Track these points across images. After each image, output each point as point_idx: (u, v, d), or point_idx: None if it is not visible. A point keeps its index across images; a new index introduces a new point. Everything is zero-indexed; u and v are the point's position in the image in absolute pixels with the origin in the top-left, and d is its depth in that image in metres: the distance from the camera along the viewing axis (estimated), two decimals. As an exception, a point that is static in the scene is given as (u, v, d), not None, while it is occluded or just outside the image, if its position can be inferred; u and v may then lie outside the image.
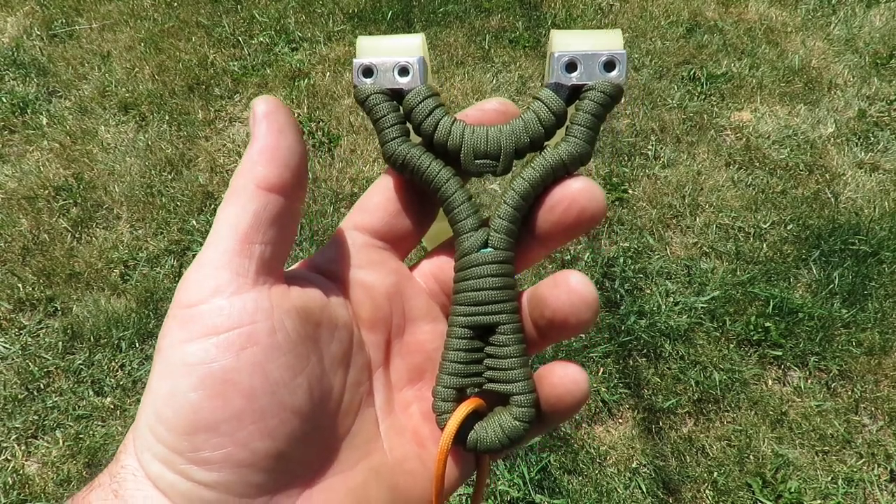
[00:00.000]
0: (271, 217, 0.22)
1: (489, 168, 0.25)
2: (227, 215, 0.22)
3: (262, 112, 0.22)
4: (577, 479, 1.22)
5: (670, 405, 1.30)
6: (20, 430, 1.31)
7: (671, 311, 1.43)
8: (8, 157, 1.82)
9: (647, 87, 1.93)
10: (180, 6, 2.27)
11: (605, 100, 0.24)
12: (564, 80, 0.24)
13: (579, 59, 0.24)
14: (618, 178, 1.70)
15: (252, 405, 0.21)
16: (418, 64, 0.25)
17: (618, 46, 0.24)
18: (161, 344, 0.22)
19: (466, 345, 0.25)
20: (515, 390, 0.25)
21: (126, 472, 0.22)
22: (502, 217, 0.25)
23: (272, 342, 0.22)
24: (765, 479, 1.21)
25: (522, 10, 2.21)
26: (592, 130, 0.24)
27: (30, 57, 2.11)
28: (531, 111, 0.25)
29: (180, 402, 0.21)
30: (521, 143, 0.25)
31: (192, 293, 0.22)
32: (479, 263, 0.25)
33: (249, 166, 0.22)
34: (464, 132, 0.25)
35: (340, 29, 2.17)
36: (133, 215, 1.67)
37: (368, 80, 0.25)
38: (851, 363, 1.34)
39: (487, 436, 0.25)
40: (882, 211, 1.60)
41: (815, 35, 2.09)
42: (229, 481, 0.21)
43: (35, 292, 1.51)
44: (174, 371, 0.21)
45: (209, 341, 0.21)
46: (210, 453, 0.21)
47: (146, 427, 0.21)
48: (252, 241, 0.22)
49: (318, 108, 1.91)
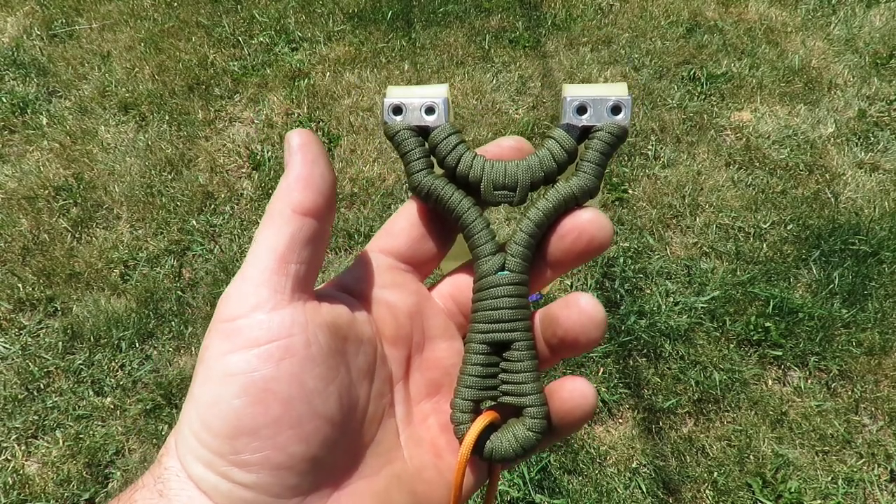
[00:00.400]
0: (305, 239, 0.24)
1: (507, 199, 0.27)
2: (265, 237, 0.24)
3: (297, 144, 0.25)
4: (577, 479, 1.22)
5: (670, 405, 1.30)
6: (20, 430, 1.31)
7: (671, 311, 1.43)
8: (8, 157, 1.82)
9: (647, 87, 1.93)
10: (180, 6, 2.27)
11: (612, 140, 0.27)
12: (576, 121, 0.27)
13: (589, 103, 0.27)
14: (618, 178, 1.70)
15: (289, 412, 0.23)
16: (443, 104, 0.27)
17: (624, 94, 0.27)
18: (203, 355, 0.23)
19: (484, 360, 0.27)
20: (528, 403, 0.27)
21: (170, 473, 0.23)
22: (518, 243, 0.27)
23: (307, 354, 0.23)
24: (765, 479, 1.21)
25: (522, 10, 2.21)
26: (601, 167, 0.27)
27: (30, 57, 2.11)
28: (545, 149, 0.27)
29: (224, 408, 0.22)
30: (536, 176, 0.27)
31: (234, 308, 0.23)
32: (496, 285, 0.27)
33: (286, 193, 0.24)
34: (484, 166, 0.27)
35: (340, 29, 2.17)
36: (133, 215, 1.67)
37: (398, 118, 0.28)
38: (851, 363, 1.34)
39: (503, 446, 0.27)
40: (882, 211, 1.60)
41: (815, 35, 2.09)
42: (267, 483, 0.23)
43: (35, 292, 1.51)
44: (218, 380, 0.23)
45: (251, 352, 0.23)
46: (250, 456, 0.22)
47: (189, 432, 0.23)
48: (289, 260, 0.24)
49: (318, 108, 1.91)
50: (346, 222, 1.62)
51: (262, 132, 1.87)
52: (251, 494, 0.22)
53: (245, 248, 1.58)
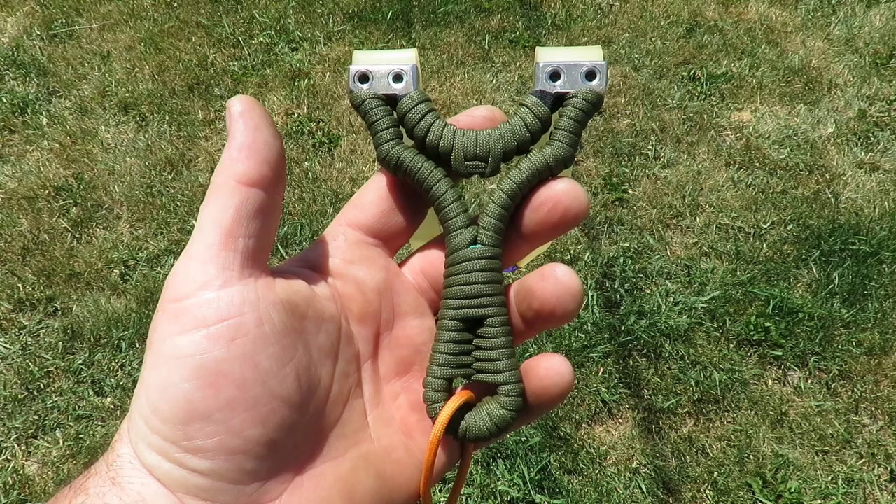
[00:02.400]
0: (253, 211, 0.23)
1: (478, 169, 0.26)
2: (209, 212, 0.23)
3: (237, 111, 0.23)
4: (577, 479, 1.22)
5: (670, 405, 1.30)
6: (20, 430, 1.31)
7: (671, 311, 1.43)
8: (8, 157, 1.82)
9: (647, 87, 1.93)
10: (180, 6, 2.27)
11: (586, 106, 0.26)
12: (549, 88, 0.26)
13: (563, 69, 0.26)
14: (618, 178, 1.70)
15: (243, 394, 0.22)
16: (412, 71, 0.26)
17: (598, 59, 0.26)
18: (152, 337, 0.22)
19: (456, 337, 0.26)
20: (503, 380, 0.26)
21: (122, 460, 0.22)
22: (491, 215, 0.26)
23: (260, 333, 0.22)
24: (765, 479, 1.21)
25: (522, 10, 2.21)
26: (575, 135, 0.26)
27: (30, 57, 2.11)
28: (518, 117, 0.26)
29: (174, 392, 0.21)
30: (508, 146, 0.26)
31: (180, 287, 0.22)
32: (468, 259, 0.26)
33: (229, 163, 0.23)
34: (454, 135, 0.26)
35: (340, 29, 2.17)
36: (133, 215, 1.67)
37: (364, 86, 0.26)
38: (851, 363, 1.34)
39: (476, 424, 0.26)
40: (882, 211, 1.60)
41: (815, 35, 2.09)
42: (223, 468, 0.22)
43: (35, 292, 1.51)
44: (166, 363, 0.22)
45: (199, 333, 0.22)
46: (204, 441, 0.21)
47: (140, 418, 0.22)
48: (236, 234, 0.23)
49: (318, 108, 1.91)
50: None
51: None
52: (206, 481, 0.21)
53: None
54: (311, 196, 1.67)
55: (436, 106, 0.28)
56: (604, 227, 1.60)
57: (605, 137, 1.80)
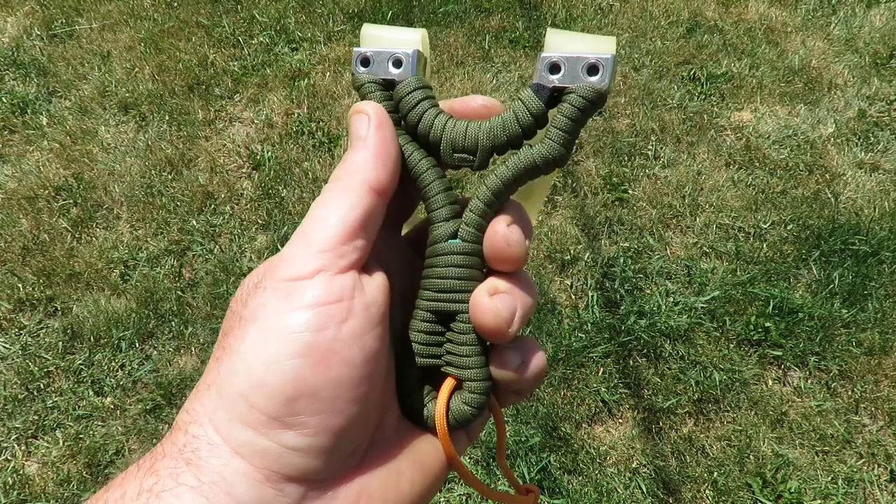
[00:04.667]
0: (376, 217, 0.25)
1: (466, 162, 0.26)
2: (338, 206, 0.24)
3: (376, 119, 0.25)
4: (577, 479, 1.22)
5: (670, 405, 1.30)
6: (20, 430, 1.30)
7: (671, 311, 1.43)
8: (8, 157, 1.82)
9: (647, 87, 1.93)
10: (180, 6, 2.27)
11: (584, 104, 0.24)
12: (546, 81, 0.24)
13: (563, 62, 0.24)
14: (618, 178, 1.70)
15: (350, 373, 0.23)
16: (412, 56, 0.26)
17: (607, 51, 0.24)
18: (255, 312, 0.23)
19: (428, 328, 0.27)
20: (469, 377, 0.26)
21: (199, 441, 0.22)
22: (473, 211, 0.26)
23: (367, 316, 0.23)
24: (765, 479, 1.21)
25: (522, 10, 2.21)
26: (569, 134, 0.24)
27: (30, 57, 2.11)
28: (511, 111, 0.25)
29: (283, 367, 0.22)
30: (498, 140, 0.25)
31: (297, 268, 0.23)
32: (446, 252, 0.26)
33: (364, 167, 0.24)
34: (445, 125, 0.25)
35: (340, 29, 2.17)
36: (133, 215, 1.67)
37: (364, 69, 0.26)
38: (851, 363, 1.34)
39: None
40: (882, 211, 1.60)
41: (815, 35, 2.09)
42: (321, 445, 0.22)
43: (35, 292, 1.51)
44: (277, 339, 0.22)
45: (312, 311, 0.22)
46: (308, 418, 0.22)
47: (238, 395, 0.22)
48: (357, 234, 0.24)
49: (318, 108, 1.91)
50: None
51: (262, 132, 1.86)
52: (302, 459, 0.22)
53: (245, 248, 1.58)
54: (311, 196, 1.67)
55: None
56: (604, 227, 1.60)
57: (605, 137, 1.80)
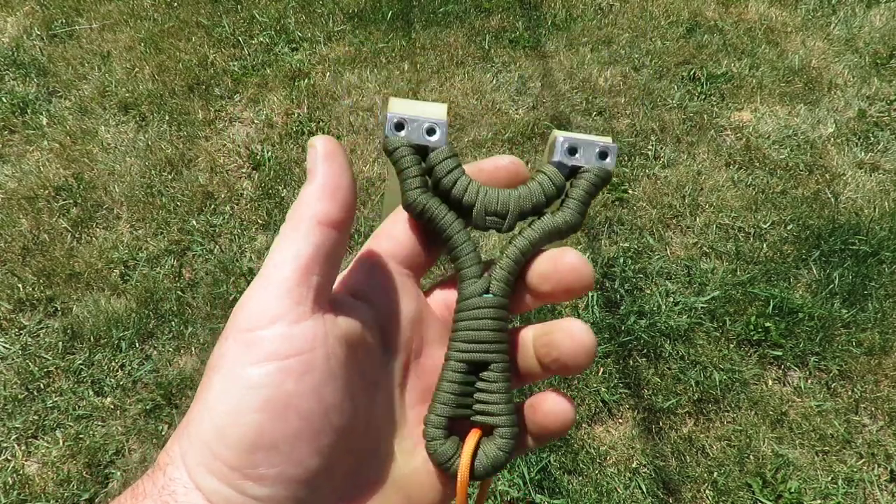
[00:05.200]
0: (329, 251, 0.24)
1: (496, 225, 0.29)
2: (288, 245, 0.24)
3: (324, 151, 0.25)
4: (577, 479, 1.22)
5: (670, 405, 1.30)
6: (20, 430, 1.31)
7: (671, 311, 1.43)
8: (8, 157, 1.82)
9: (647, 87, 1.93)
10: (180, 6, 2.27)
11: (598, 181, 0.29)
12: (566, 160, 0.29)
13: (580, 146, 0.29)
14: (618, 178, 1.70)
15: (309, 426, 0.23)
16: (444, 126, 0.29)
17: (610, 141, 0.29)
18: (220, 362, 0.23)
19: (460, 378, 0.28)
20: (500, 423, 0.28)
21: (176, 484, 0.23)
22: (503, 268, 0.29)
23: (327, 368, 0.23)
24: (765, 479, 1.21)
25: (522, 10, 2.21)
26: (585, 205, 0.29)
27: (30, 57, 2.11)
28: (536, 182, 0.29)
29: (244, 420, 0.22)
30: (525, 207, 0.29)
31: (255, 318, 0.23)
32: (479, 307, 0.28)
33: (312, 202, 0.24)
34: (479, 191, 0.29)
35: (340, 29, 2.17)
36: (133, 215, 1.67)
37: (400, 134, 0.28)
38: (851, 363, 1.34)
39: (475, 464, 0.28)
40: (882, 211, 1.60)
41: (815, 35, 2.09)
42: (280, 496, 0.23)
43: (35, 292, 1.51)
44: (238, 391, 0.22)
45: (272, 365, 0.22)
46: (266, 470, 0.22)
47: (203, 444, 0.23)
48: (312, 272, 0.24)
49: (318, 108, 1.91)
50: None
51: (262, 132, 1.86)
52: None
53: (245, 249, 1.58)
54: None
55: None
56: (604, 227, 1.60)
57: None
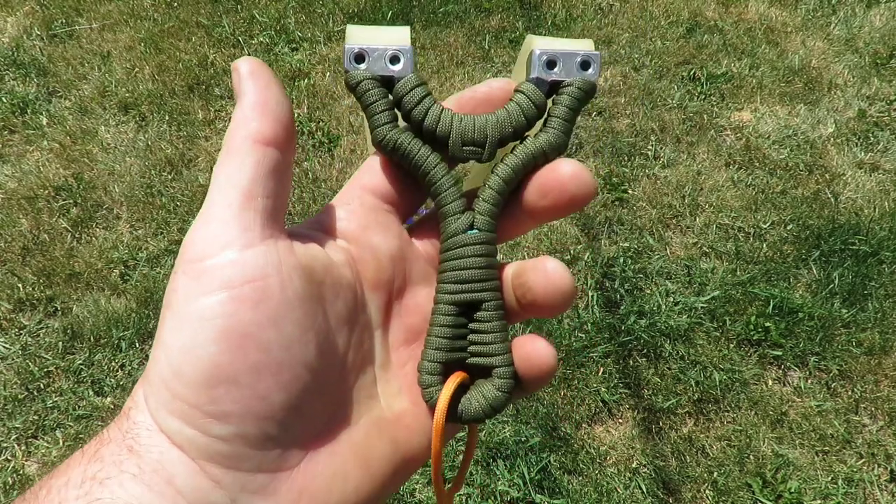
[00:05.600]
0: (269, 170, 0.23)
1: (475, 155, 0.27)
2: (226, 171, 0.23)
3: (247, 70, 0.24)
4: (577, 479, 1.22)
5: (670, 405, 1.30)
6: (20, 430, 1.31)
7: (671, 311, 1.43)
8: (8, 157, 1.82)
9: (647, 87, 1.93)
10: (180, 6, 2.27)
11: (581, 95, 0.26)
12: (545, 75, 0.26)
13: (559, 58, 0.26)
14: (618, 178, 1.70)
15: (269, 358, 0.21)
16: (409, 53, 0.26)
17: (591, 48, 0.26)
18: (170, 298, 0.22)
19: (451, 321, 0.27)
20: (497, 363, 0.26)
21: (139, 427, 0.21)
22: (486, 201, 0.26)
23: (284, 297, 0.22)
24: (765, 479, 1.21)
25: (522, 10, 2.21)
26: (569, 122, 0.26)
27: (30, 57, 2.11)
28: (514, 103, 0.26)
29: (199, 354, 0.21)
30: (505, 132, 0.26)
31: (202, 248, 0.22)
32: (465, 244, 0.26)
33: (243, 122, 0.23)
34: (452, 120, 0.26)
35: (340, 29, 2.17)
36: (133, 215, 1.67)
37: (360, 66, 0.26)
38: (851, 363, 1.34)
39: (472, 406, 0.26)
40: (882, 211, 1.60)
41: (815, 35, 2.09)
42: (247, 434, 0.21)
43: (35, 292, 1.51)
44: (190, 324, 0.21)
45: (224, 294, 0.21)
46: (229, 406, 0.21)
47: (161, 382, 0.21)
48: (255, 194, 0.22)
49: (318, 108, 1.91)
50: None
51: (262, 132, 1.86)
52: (229, 447, 0.21)
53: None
54: (311, 196, 1.67)
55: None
56: (604, 227, 1.60)
57: (605, 137, 1.80)
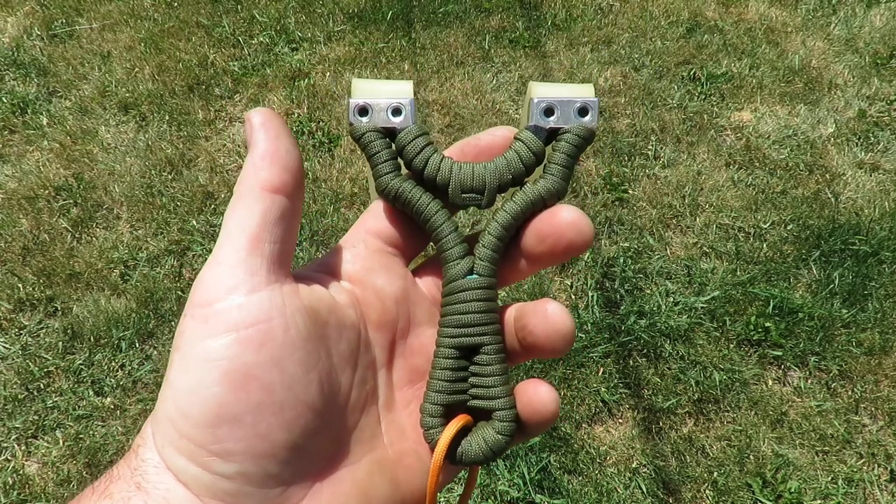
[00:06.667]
0: (277, 216, 0.24)
1: (474, 202, 0.27)
2: (235, 217, 0.24)
3: (259, 121, 0.24)
4: (577, 479, 1.22)
5: (670, 405, 1.30)
6: (20, 430, 1.31)
7: (671, 311, 1.43)
8: (8, 157, 1.82)
9: (647, 87, 1.93)
10: (180, 6, 2.27)
11: (579, 142, 0.27)
12: (543, 123, 0.27)
13: (556, 105, 0.27)
14: (618, 178, 1.70)
15: (272, 398, 0.22)
16: (410, 105, 0.27)
17: (590, 96, 0.27)
18: (179, 341, 0.23)
19: (453, 364, 0.27)
20: (498, 406, 0.27)
21: (147, 465, 0.22)
22: (486, 246, 0.27)
23: (287, 338, 0.23)
24: (765, 479, 1.21)
25: (522, 10, 2.21)
26: (568, 169, 0.27)
27: (30, 57, 2.11)
28: (513, 150, 0.27)
29: (204, 395, 0.22)
30: (504, 179, 0.27)
31: (210, 292, 0.23)
32: (465, 289, 0.27)
33: (253, 171, 0.24)
34: (451, 168, 0.27)
35: (340, 29, 2.17)
36: (133, 215, 1.67)
37: (364, 119, 0.27)
38: (851, 363, 1.34)
39: (472, 449, 0.27)
40: (882, 211, 1.60)
41: (815, 35, 2.09)
42: (249, 472, 0.22)
43: (35, 292, 1.51)
44: (197, 366, 0.22)
45: (230, 337, 0.22)
46: (232, 445, 0.22)
47: (168, 421, 0.22)
48: (262, 240, 0.23)
49: (318, 108, 1.91)
50: (346, 222, 1.62)
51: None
52: (233, 485, 0.22)
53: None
54: (311, 196, 1.67)
55: (432, 136, 0.28)
56: (604, 227, 1.60)
57: (605, 137, 1.80)
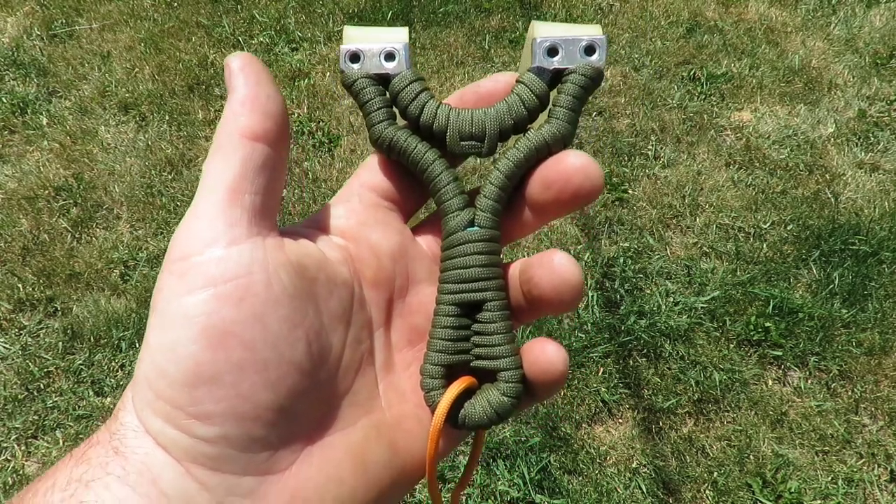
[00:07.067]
0: (258, 165, 0.22)
1: (474, 149, 0.26)
2: (214, 167, 0.22)
3: (237, 66, 0.23)
4: (577, 479, 1.22)
5: (670, 405, 1.30)
6: (20, 430, 1.31)
7: (671, 311, 1.43)
8: (8, 157, 1.82)
9: (647, 87, 1.93)
10: (180, 6, 2.27)
11: (586, 82, 0.25)
12: (546, 64, 0.25)
13: (560, 44, 0.25)
14: (618, 178, 1.70)
15: (254, 356, 0.21)
16: (404, 50, 0.25)
17: (597, 34, 0.25)
18: (156, 298, 0.22)
19: (454, 322, 0.25)
20: (503, 366, 0.25)
21: (126, 428, 0.21)
22: (487, 196, 0.25)
23: (269, 294, 0.21)
24: (765, 479, 1.21)
25: (522, 10, 2.21)
26: (574, 112, 0.25)
27: (30, 57, 2.11)
28: (515, 94, 0.25)
29: (181, 354, 0.20)
30: (505, 125, 0.25)
31: (187, 245, 0.21)
32: (465, 241, 0.25)
33: (231, 118, 0.22)
34: (449, 115, 0.25)
35: (340, 29, 2.17)
36: (133, 215, 1.67)
37: (355, 66, 0.26)
38: (851, 363, 1.34)
39: (476, 412, 0.25)
40: (882, 211, 1.60)
41: (815, 35, 2.09)
42: (232, 435, 0.21)
43: (35, 292, 1.51)
44: (173, 324, 0.21)
45: (207, 292, 0.21)
46: (212, 406, 0.20)
47: (145, 382, 0.21)
48: (242, 190, 0.22)
49: (318, 108, 1.91)
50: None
51: (262, 132, 1.86)
52: (214, 449, 0.20)
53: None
54: (312, 196, 1.67)
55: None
56: (604, 227, 1.60)
57: (605, 137, 1.80)
